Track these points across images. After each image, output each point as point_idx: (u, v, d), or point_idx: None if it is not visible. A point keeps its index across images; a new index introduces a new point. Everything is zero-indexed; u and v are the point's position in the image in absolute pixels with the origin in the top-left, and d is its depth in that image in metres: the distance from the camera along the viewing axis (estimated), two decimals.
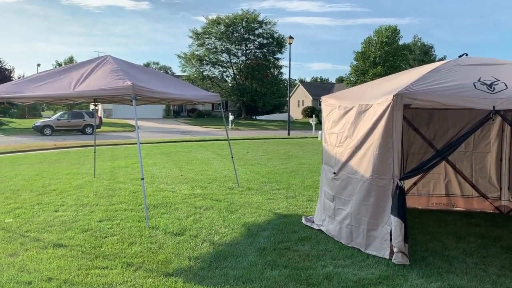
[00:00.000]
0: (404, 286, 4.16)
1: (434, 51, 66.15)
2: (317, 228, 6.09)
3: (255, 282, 4.24)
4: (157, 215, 6.84)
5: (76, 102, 9.55)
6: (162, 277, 4.38)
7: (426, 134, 6.79)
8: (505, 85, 4.55)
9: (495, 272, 4.59)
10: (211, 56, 52.33)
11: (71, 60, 76.27)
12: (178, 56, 53.33)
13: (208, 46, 52.28)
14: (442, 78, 4.82)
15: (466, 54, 5.64)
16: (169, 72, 78.31)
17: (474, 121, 5.30)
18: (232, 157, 9.93)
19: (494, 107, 4.38)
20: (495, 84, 4.57)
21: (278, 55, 54.03)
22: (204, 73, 52.97)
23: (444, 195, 7.46)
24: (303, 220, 6.48)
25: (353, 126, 5.36)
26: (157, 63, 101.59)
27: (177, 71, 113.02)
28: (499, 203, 7.22)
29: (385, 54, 47.18)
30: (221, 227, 6.18)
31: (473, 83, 4.62)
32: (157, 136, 27.09)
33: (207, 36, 51.81)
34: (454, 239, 5.70)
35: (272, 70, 55.34)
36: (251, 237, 5.70)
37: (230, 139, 10.59)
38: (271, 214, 6.94)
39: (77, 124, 29.86)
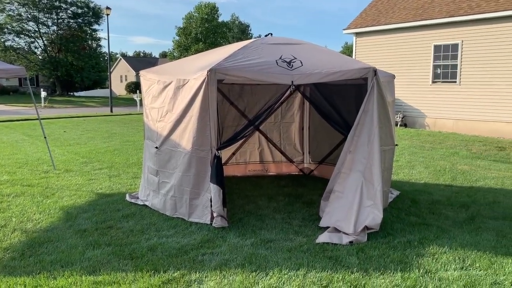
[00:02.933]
0: (223, 246, 4.55)
1: (251, 30, 70.55)
2: (142, 203, 6.11)
3: (76, 264, 4.09)
4: None
5: None
6: None
7: (240, 106, 7.36)
8: (301, 62, 5.22)
9: (297, 224, 5.35)
10: (14, 25, 45.69)
11: None
12: None
13: (10, 13, 45.49)
14: (250, 55, 5.27)
15: (271, 34, 6.25)
16: None
17: (278, 94, 5.97)
18: (45, 137, 9.08)
19: (292, 82, 5.01)
20: (293, 62, 5.22)
21: (96, 26, 50.37)
22: (6, 43, 46.10)
23: (259, 162, 8.25)
24: (127, 198, 6.41)
25: (173, 100, 5.48)
26: None
27: None
28: (303, 165, 8.33)
29: (206, 31, 48.38)
30: (34, 214, 5.68)
31: (276, 61, 5.19)
32: None
33: (8, 1, 44.95)
34: (267, 200, 6.41)
35: (90, 43, 51.37)
36: (70, 220, 5.40)
37: (44, 118, 9.63)
38: (92, 195, 6.66)
39: None
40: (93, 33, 50.77)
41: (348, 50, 55.93)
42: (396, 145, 6.15)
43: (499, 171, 8.88)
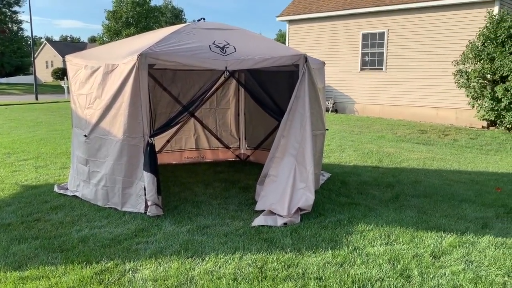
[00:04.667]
0: (158, 234, 4.50)
1: (185, 15, 69.09)
2: (72, 194, 5.86)
3: None
4: None
5: None
6: None
7: (173, 92, 7.23)
8: (234, 48, 5.23)
9: (234, 209, 5.41)
10: None
11: None
12: None
13: None
14: (183, 40, 5.19)
15: (204, 19, 6.18)
16: None
17: (212, 79, 5.95)
18: None
19: (226, 67, 5.01)
20: (227, 47, 5.21)
21: (16, 8, 47.03)
22: None
23: (195, 149, 8.19)
24: (56, 189, 6.11)
25: (101, 86, 5.27)
26: None
27: None
28: (239, 151, 8.39)
29: (138, 15, 46.75)
30: None
31: (209, 46, 5.15)
32: None
33: None
34: (203, 187, 6.40)
35: (10, 26, 47.71)
36: None
37: None
38: (17, 187, 6.27)
39: None
40: (13, 15, 47.18)
41: (282, 38, 56.62)
42: (327, 129, 6.38)
43: (421, 152, 9.53)
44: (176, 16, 66.45)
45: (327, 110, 16.69)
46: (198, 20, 6.16)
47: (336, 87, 17.10)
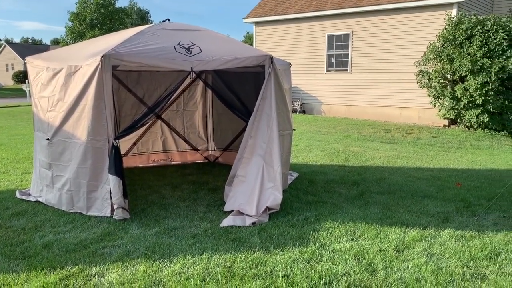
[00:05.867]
0: (125, 238, 4.43)
1: (150, 17, 68.19)
2: (35, 200, 5.69)
3: None
4: None
5: None
6: None
7: (138, 94, 7.14)
8: (200, 49, 5.23)
9: (202, 210, 5.40)
10: None
11: None
12: None
13: None
14: (147, 41, 5.14)
15: (169, 20, 6.14)
16: None
17: (178, 80, 5.92)
18: None
19: (192, 68, 5.00)
20: (192, 48, 5.20)
21: None
22: None
23: (162, 152, 8.11)
24: (18, 194, 5.92)
25: (64, 88, 5.15)
26: None
27: None
28: (207, 153, 8.37)
29: (102, 17, 45.84)
30: None
31: (174, 46, 5.13)
32: None
33: None
34: (171, 189, 6.35)
35: None
36: None
37: None
38: None
39: None
40: None
41: (250, 40, 56.80)
42: (294, 129, 6.45)
43: (385, 151, 9.78)
44: (142, 18, 65.52)
45: (295, 111, 16.87)
46: (163, 21, 6.11)
47: (303, 89, 17.31)
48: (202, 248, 4.17)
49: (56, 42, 70.10)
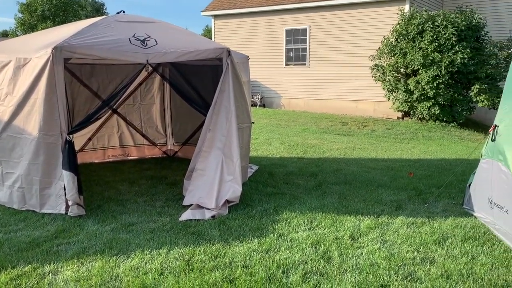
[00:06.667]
0: (80, 235, 4.33)
1: (106, 9, 66.12)
2: None
3: None
4: None
5: None
6: None
7: (92, 87, 6.94)
8: (156, 41, 5.15)
9: (161, 205, 5.35)
10: None
11: None
12: None
13: None
14: (101, 33, 5.02)
15: (124, 12, 6.01)
16: None
17: (133, 73, 5.81)
18: None
19: (147, 60, 4.93)
20: (147, 40, 5.12)
21: None
22: None
23: (119, 147, 7.94)
24: None
25: (13, 82, 4.95)
26: None
27: None
28: (166, 148, 8.28)
29: (55, 8, 44.05)
30: None
31: (129, 39, 5.03)
32: None
33: None
34: (128, 185, 6.25)
35: None
36: None
37: None
38: None
39: None
40: None
41: (209, 33, 56.35)
42: (253, 122, 6.49)
43: (342, 143, 10.02)
44: (97, 10, 63.43)
45: (255, 105, 16.94)
46: (118, 13, 5.97)
47: (263, 82, 17.40)
48: (161, 243, 4.15)
49: (5, 34, 66.71)
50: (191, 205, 5.17)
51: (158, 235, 4.35)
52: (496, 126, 4.73)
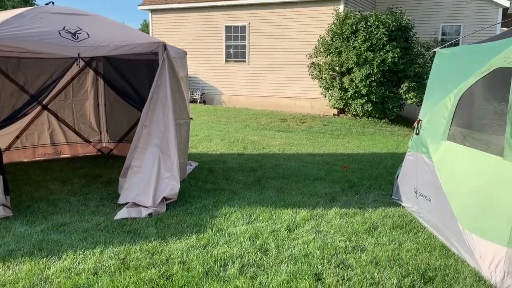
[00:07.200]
0: (7, 237, 4.09)
1: (36, 0, 62.50)
2: None
3: None
4: None
5: None
6: None
7: (19, 81, 6.52)
8: (87, 34, 4.96)
9: (95, 204, 5.18)
10: None
11: None
12: None
13: None
14: (28, 24, 4.75)
15: (53, 3, 5.73)
16: None
17: (64, 67, 5.56)
18: None
19: (79, 54, 4.74)
20: (79, 33, 4.92)
21: None
22: None
23: (50, 145, 7.57)
24: None
25: None
26: None
27: None
28: (101, 145, 8.00)
29: None
30: None
31: (59, 31, 4.80)
32: None
33: None
34: (60, 184, 5.98)
35: None
36: None
37: None
38: None
39: None
40: None
41: (147, 28, 54.96)
42: (191, 118, 6.45)
43: (281, 139, 10.22)
44: (25, 1, 59.71)
45: (195, 101, 16.79)
46: (47, 4, 5.68)
47: (203, 79, 17.28)
48: (95, 242, 4.02)
49: None
50: (127, 203, 5.04)
51: (92, 234, 4.22)
52: (420, 120, 5.05)
